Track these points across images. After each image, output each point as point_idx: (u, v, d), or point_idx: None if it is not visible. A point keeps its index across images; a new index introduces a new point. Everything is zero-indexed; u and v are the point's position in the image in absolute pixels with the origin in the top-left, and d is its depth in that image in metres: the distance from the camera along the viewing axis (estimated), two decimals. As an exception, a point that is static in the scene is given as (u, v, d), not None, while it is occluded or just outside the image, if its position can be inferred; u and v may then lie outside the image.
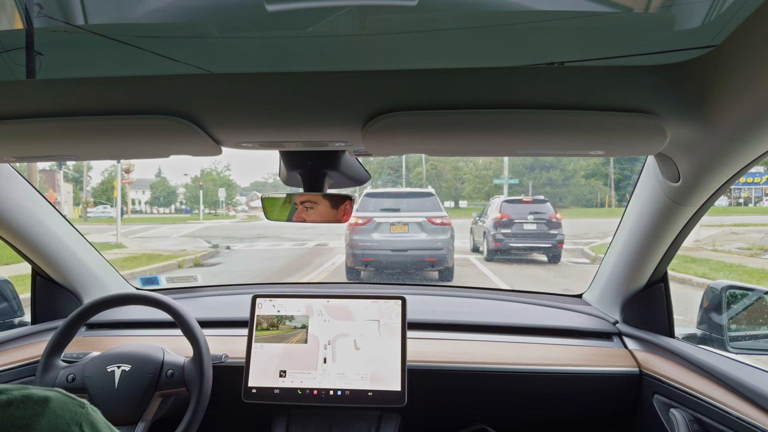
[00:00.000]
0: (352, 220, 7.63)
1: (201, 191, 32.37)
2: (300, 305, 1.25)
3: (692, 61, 0.52)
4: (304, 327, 1.23)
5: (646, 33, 0.52)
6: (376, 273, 6.59)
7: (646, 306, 1.27)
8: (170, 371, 1.12)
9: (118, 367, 1.10)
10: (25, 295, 1.49)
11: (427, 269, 6.60)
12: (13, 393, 0.44)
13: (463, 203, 35.89)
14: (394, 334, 1.20)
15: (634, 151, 0.80)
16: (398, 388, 1.15)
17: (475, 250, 10.21)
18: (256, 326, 1.23)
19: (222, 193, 31.98)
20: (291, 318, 1.24)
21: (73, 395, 0.47)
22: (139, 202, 41.96)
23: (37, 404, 0.43)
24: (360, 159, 1.03)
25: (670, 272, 1.22)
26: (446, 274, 6.59)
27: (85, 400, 0.48)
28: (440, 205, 7.09)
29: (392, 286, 1.72)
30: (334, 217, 0.96)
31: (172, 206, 40.87)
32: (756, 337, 1.19)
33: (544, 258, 9.14)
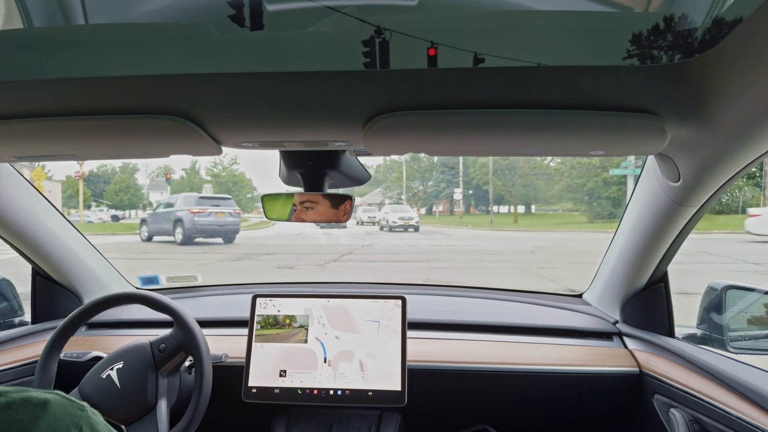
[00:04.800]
0: (195, 209, 10.11)
1: (169, 187, 27.77)
2: (300, 305, 1.25)
3: (692, 61, 0.52)
4: (305, 327, 1.23)
5: (646, 33, 0.52)
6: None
7: (647, 306, 1.27)
8: (162, 346, 1.13)
9: (112, 369, 1.11)
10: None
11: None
12: (12, 395, 0.43)
13: (534, 208, 27.58)
14: (395, 334, 1.20)
15: (635, 150, 0.80)
16: (398, 387, 1.15)
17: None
18: (257, 326, 1.23)
19: (208, 192, 26.13)
20: (291, 318, 1.24)
21: (73, 398, 0.47)
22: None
23: (36, 407, 0.43)
24: (362, 159, 1.03)
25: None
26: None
27: (85, 403, 0.47)
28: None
29: (392, 286, 1.72)
30: (333, 217, 0.97)
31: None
32: (756, 337, 1.19)
33: None
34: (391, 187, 35.51)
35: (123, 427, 1.08)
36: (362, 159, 1.04)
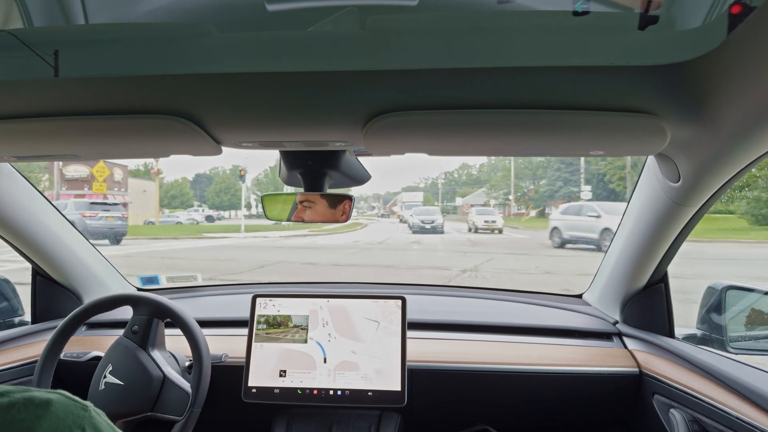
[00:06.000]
0: (87, 213, 10.80)
1: (243, 185, 24.37)
2: (300, 305, 1.25)
3: (692, 61, 0.52)
4: (305, 327, 1.23)
5: (646, 33, 0.52)
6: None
7: (646, 306, 1.27)
8: (134, 328, 1.16)
9: (105, 376, 1.12)
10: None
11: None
12: (14, 395, 0.43)
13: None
14: (395, 334, 1.20)
15: (635, 150, 0.80)
16: (398, 388, 1.15)
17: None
18: (256, 326, 1.23)
19: (287, 190, 23.99)
20: (291, 318, 1.24)
21: (77, 398, 0.47)
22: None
23: (38, 407, 0.43)
24: (362, 159, 1.03)
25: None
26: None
27: (88, 403, 0.47)
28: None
29: (392, 286, 1.72)
30: (332, 217, 0.97)
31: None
32: (756, 338, 1.19)
33: None
34: (496, 187, 33.09)
35: (149, 413, 1.09)
36: (467, 158, 1.03)
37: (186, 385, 1.11)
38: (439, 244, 12.36)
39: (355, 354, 1.19)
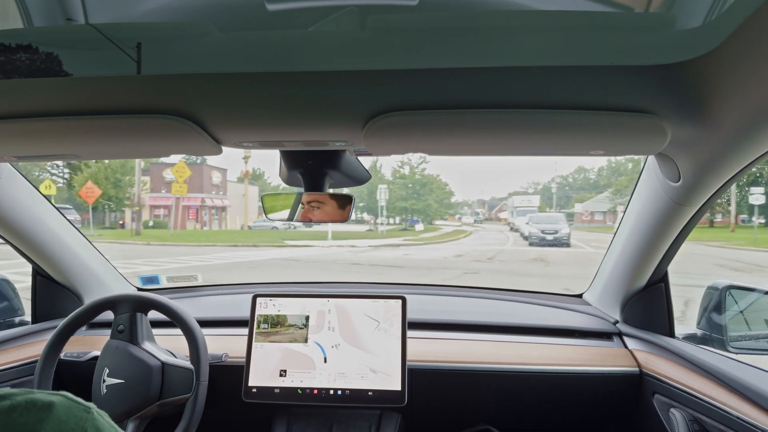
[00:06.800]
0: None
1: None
2: (300, 305, 1.25)
3: (693, 60, 0.52)
4: (305, 327, 1.23)
5: (646, 33, 0.52)
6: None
7: (647, 306, 1.27)
8: (120, 327, 1.16)
9: (104, 381, 1.12)
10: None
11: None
12: (16, 398, 0.43)
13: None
14: (395, 333, 1.20)
15: (635, 150, 0.80)
16: (398, 387, 1.15)
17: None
18: (257, 326, 1.23)
19: (383, 195, 18.30)
20: (292, 318, 1.24)
21: (80, 399, 0.47)
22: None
23: (41, 410, 0.43)
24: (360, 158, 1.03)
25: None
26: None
27: (91, 404, 0.47)
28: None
29: (392, 286, 1.72)
30: (340, 217, 0.98)
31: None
32: (756, 337, 1.19)
33: None
34: (621, 192, 29.52)
35: (158, 402, 1.10)
36: (584, 162, 0.99)
37: (187, 364, 1.12)
38: (569, 264, 8.97)
39: (359, 363, 1.19)
